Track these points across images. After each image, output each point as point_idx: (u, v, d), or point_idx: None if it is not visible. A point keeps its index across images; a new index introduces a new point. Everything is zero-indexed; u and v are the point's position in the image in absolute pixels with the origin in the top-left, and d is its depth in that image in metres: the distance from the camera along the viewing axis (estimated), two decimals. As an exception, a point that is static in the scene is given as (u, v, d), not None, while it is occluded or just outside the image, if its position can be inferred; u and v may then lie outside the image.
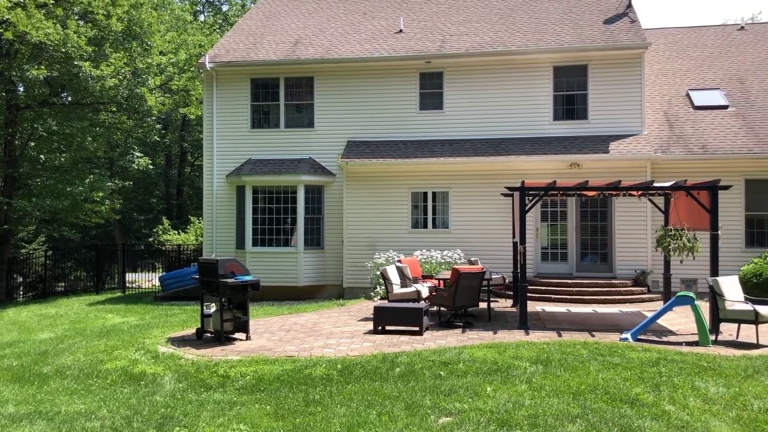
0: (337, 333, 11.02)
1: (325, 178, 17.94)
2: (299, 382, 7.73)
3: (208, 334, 10.84)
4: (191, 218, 31.81)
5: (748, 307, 9.88)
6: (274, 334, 11.04)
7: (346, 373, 7.97)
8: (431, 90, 18.00)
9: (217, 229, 18.69)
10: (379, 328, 10.90)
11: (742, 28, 22.86)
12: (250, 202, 17.77)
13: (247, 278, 10.53)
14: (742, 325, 10.37)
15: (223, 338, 10.36)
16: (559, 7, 19.71)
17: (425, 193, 17.34)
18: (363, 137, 18.07)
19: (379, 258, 16.11)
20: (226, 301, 10.46)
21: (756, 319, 9.70)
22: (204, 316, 10.82)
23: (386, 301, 12.55)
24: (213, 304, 10.92)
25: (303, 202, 17.65)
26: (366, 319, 12.35)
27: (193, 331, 11.31)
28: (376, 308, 10.96)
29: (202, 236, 21.52)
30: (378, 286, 15.58)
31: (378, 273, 14.89)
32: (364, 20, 20.54)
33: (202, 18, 45.01)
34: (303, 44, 19.19)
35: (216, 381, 8.06)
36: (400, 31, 19.29)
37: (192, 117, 34.76)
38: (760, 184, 16.30)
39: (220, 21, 42.63)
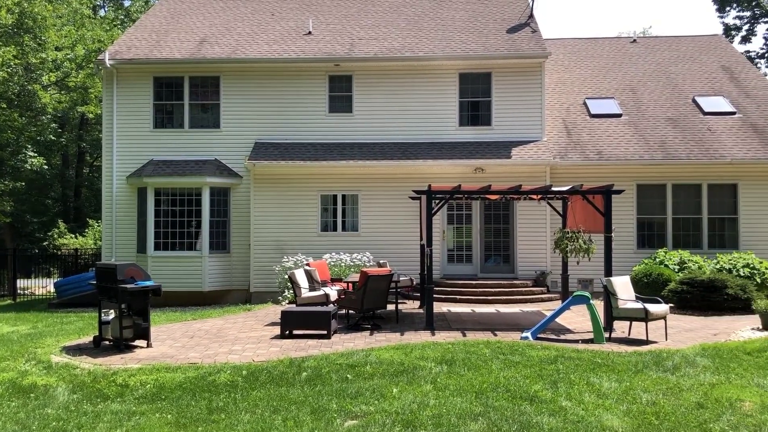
0: (243, 338, 10.81)
1: (232, 180, 17.59)
2: (203, 389, 7.53)
3: (107, 342, 10.38)
4: (90, 221, 30.40)
5: (639, 305, 10.44)
6: (176, 341, 10.71)
7: (251, 379, 7.84)
8: (340, 93, 18.01)
9: (117, 232, 17.93)
10: (287, 332, 10.79)
11: (635, 41, 24.22)
12: (153, 204, 17.17)
13: (148, 283, 10.16)
14: (634, 323, 10.96)
15: (122, 346, 9.95)
16: (464, 15, 20.21)
17: (335, 196, 17.33)
18: (271, 139, 17.85)
19: (288, 261, 15.95)
20: (125, 307, 10.04)
21: (646, 317, 10.27)
22: (102, 323, 10.35)
23: (294, 306, 12.44)
24: (112, 311, 10.47)
25: (208, 205, 17.23)
26: (273, 324, 12.19)
27: (90, 339, 10.79)
28: (283, 312, 10.84)
29: (101, 240, 20.58)
30: (286, 290, 15.42)
31: (286, 277, 14.73)
32: (273, 21, 20.32)
33: (102, 13, 43.13)
34: (209, 43, 18.75)
35: (114, 391, 7.72)
36: (309, 33, 19.20)
37: (91, 116, 33.25)
38: (650, 188, 17.30)
39: (122, 17, 40.99)
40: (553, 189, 12.75)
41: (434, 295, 14.84)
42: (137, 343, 10.31)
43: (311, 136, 17.84)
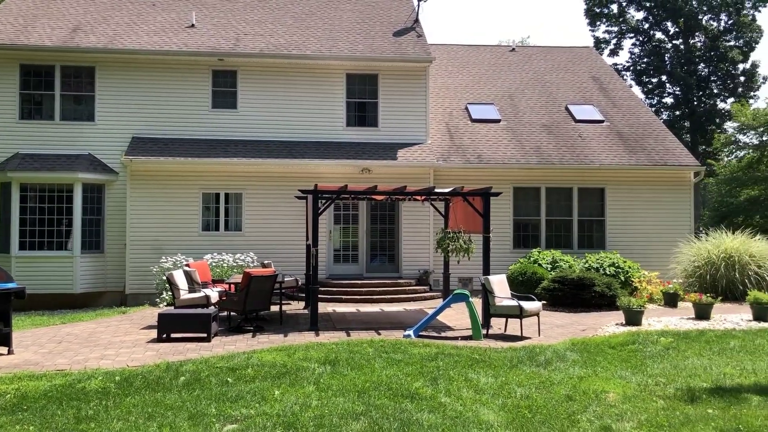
0: (117, 343, 10.29)
1: (107, 177, 16.70)
2: (71, 397, 7.08)
3: (-39, 351, 9.54)
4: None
5: (514, 303, 10.91)
6: (42, 347, 10.02)
7: (125, 385, 7.46)
8: (225, 88, 17.56)
9: (-25, 231, 16.54)
10: (164, 335, 10.37)
11: (513, 49, 25.30)
12: (18, 201, 15.97)
13: (9, 285, 9.44)
14: (510, 319, 11.43)
15: (-21, 354, 9.18)
16: (352, 16, 20.30)
17: (217, 195, 16.87)
18: (151, 134, 17.11)
19: (167, 262, 15.35)
20: (-17, 312, 9.26)
21: (521, 314, 10.74)
22: (-45, 330, 9.50)
23: (173, 308, 11.99)
24: (-33, 316, 9.62)
25: (80, 202, 16.25)
26: (150, 327, 11.69)
27: (-58, 347, 9.87)
28: (160, 315, 10.41)
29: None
30: (164, 292, 14.82)
31: (164, 278, 14.16)
32: (153, 11, 19.48)
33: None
34: (84, 31, 17.70)
35: (-32, 403, 7.09)
36: (192, 25, 18.58)
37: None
38: (526, 191, 18.13)
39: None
40: (436, 191, 13.07)
41: (320, 296, 14.80)
42: (-3, 350, 9.55)
43: (193, 132, 17.28)
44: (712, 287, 15.45)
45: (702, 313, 12.60)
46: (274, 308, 13.03)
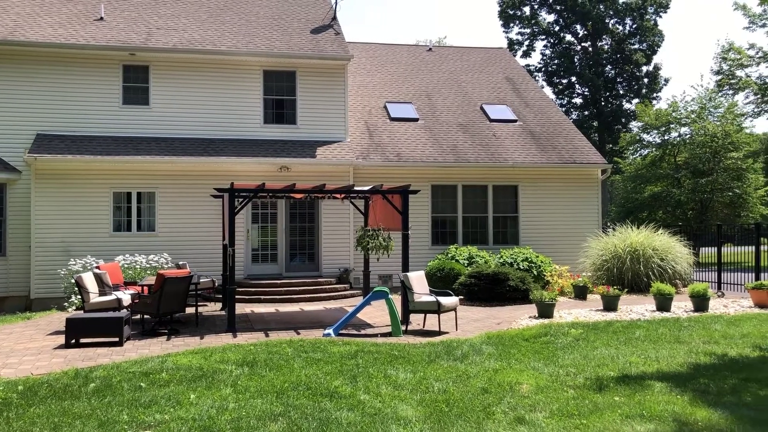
0: (21, 350, 9.77)
1: (8, 176, 15.82)
2: (-32, 411, 6.67)
3: None
4: None
5: (432, 298, 11.08)
6: (-63, 358, 9.38)
7: (29, 395, 7.09)
8: (136, 84, 16.96)
9: None
10: (73, 341, 9.93)
11: (431, 49, 25.67)
12: None
13: None
14: (428, 315, 11.62)
15: None
16: (269, 12, 20.04)
17: (129, 194, 16.29)
18: (57, 131, 16.32)
19: (75, 265, 14.68)
20: None
21: (438, 309, 10.92)
22: None
23: (82, 312, 11.50)
24: None
25: (-21, 203, 15.34)
26: (57, 333, 11.17)
27: None
28: (68, 320, 9.96)
29: None
30: (73, 296, 14.19)
31: (73, 281, 13.56)
32: (58, 2, 18.58)
33: None
34: (-20, 21, 16.69)
35: None
36: (101, 18, 17.84)
37: None
38: (443, 189, 18.44)
39: None
40: (356, 189, 13.10)
41: (238, 296, 14.58)
42: None
43: (103, 129, 16.60)
44: (619, 280, 16.20)
45: (609, 304, 13.19)
46: (190, 310, 12.73)
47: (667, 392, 6.90)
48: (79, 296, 13.15)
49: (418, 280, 11.57)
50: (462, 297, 14.83)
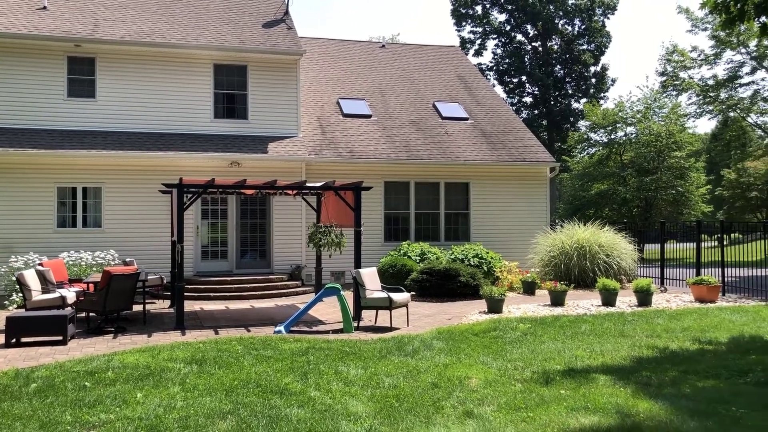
0: (-42, 350, 9.42)
1: (-55, 169, 15.22)
2: None
3: None
4: None
5: (384, 294, 11.12)
6: None
7: (-34, 397, 6.85)
8: (82, 76, 16.51)
9: None
10: (13, 341, 9.62)
11: (384, 46, 25.72)
12: None
13: None
14: (380, 311, 11.66)
15: None
16: (220, 5, 19.75)
17: (74, 189, 15.86)
18: (-4, 123, 15.78)
19: (17, 261, 14.22)
20: None
21: (390, 305, 10.97)
22: None
23: (24, 310, 11.15)
24: None
25: None
26: (-3, 332, 10.80)
27: None
28: (8, 318, 9.64)
29: None
30: (14, 294, 13.74)
31: (14, 279, 13.13)
32: (-1, -10, 17.92)
33: None
34: None
35: None
36: (44, 7, 17.30)
37: None
38: (396, 186, 18.51)
39: None
40: (308, 185, 13.04)
41: (187, 294, 14.36)
42: None
43: (47, 122, 16.11)
44: (566, 275, 16.55)
45: (557, 299, 13.47)
46: (138, 308, 12.48)
47: (611, 385, 7.09)
48: (20, 294, 12.74)
49: (370, 276, 11.60)
50: (414, 293, 14.93)
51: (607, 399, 6.52)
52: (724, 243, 16.28)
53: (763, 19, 9.23)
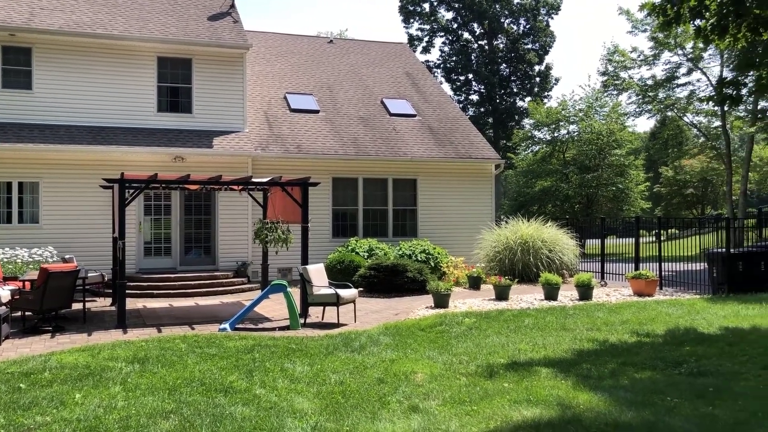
0: None
1: None
2: None
3: None
4: None
5: (331, 291, 11.11)
6: None
7: None
8: (18, 67, 15.90)
9: None
10: (-56, 341, 9.24)
11: (332, 41, 25.62)
12: None
13: None
14: (327, 308, 11.64)
15: None
16: (164, -4, 19.31)
17: (9, 184, 15.29)
18: (-76, 115, 15.06)
19: (-53, 259, 13.65)
20: None
21: (337, 302, 10.97)
22: None
23: (-46, 310, 10.69)
24: None
25: None
26: (-74, 333, 10.33)
27: None
28: (-62, 319, 9.24)
29: None
30: (-55, 292, 13.17)
31: (-56, 276, 12.59)
32: (-73, -26, 17.10)
33: None
34: None
35: None
36: (-24, -6, 16.59)
37: None
38: (344, 181, 18.48)
39: None
40: (254, 180, 12.90)
41: (130, 291, 14.03)
42: None
43: (-21, 114, 15.48)
44: (511, 270, 16.85)
45: (501, 294, 13.70)
46: (78, 306, 12.13)
47: (552, 377, 7.26)
48: (-49, 293, 12.21)
49: (317, 272, 11.56)
50: (362, 289, 14.95)
51: (548, 391, 6.68)
52: (662, 238, 16.85)
53: (697, 22, 9.60)
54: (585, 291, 13.74)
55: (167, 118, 16.99)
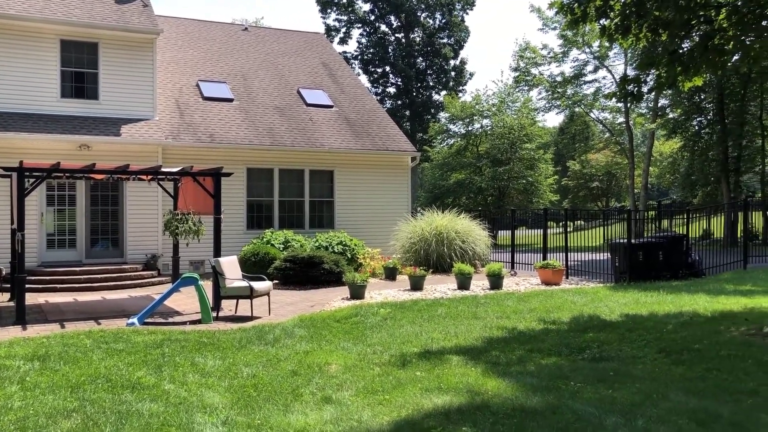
0: None
1: None
2: None
3: None
4: None
5: (245, 283, 10.95)
6: None
7: None
8: None
9: None
10: None
11: (246, 29, 25.12)
12: None
13: None
14: (241, 300, 11.46)
15: None
16: (67, -24, 18.36)
17: None
18: None
19: None
20: None
21: (251, 294, 10.82)
22: None
23: None
24: None
25: None
26: None
27: None
28: None
29: None
30: None
31: None
32: None
33: None
34: None
35: None
36: None
37: None
38: (259, 172, 18.22)
39: None
40: (163, 170, 12.52)
41: (30, 286, 13.34)
42: None
43: None
44: (426, 261, 17.11)
45: (416, 284, 13.90)
46: (-29, 302, 11.43)
47: (463, 365, 7.44)
48: None
49: (230, 265, 11.36)
50: (277, 281, 14.81)
51: (459, 379, 6.84)
52: (568, 229, 17.55)
53: (603, 21, 10.02)
54: (496, 280, 14.13)
55: (72, 104, 16.21)
